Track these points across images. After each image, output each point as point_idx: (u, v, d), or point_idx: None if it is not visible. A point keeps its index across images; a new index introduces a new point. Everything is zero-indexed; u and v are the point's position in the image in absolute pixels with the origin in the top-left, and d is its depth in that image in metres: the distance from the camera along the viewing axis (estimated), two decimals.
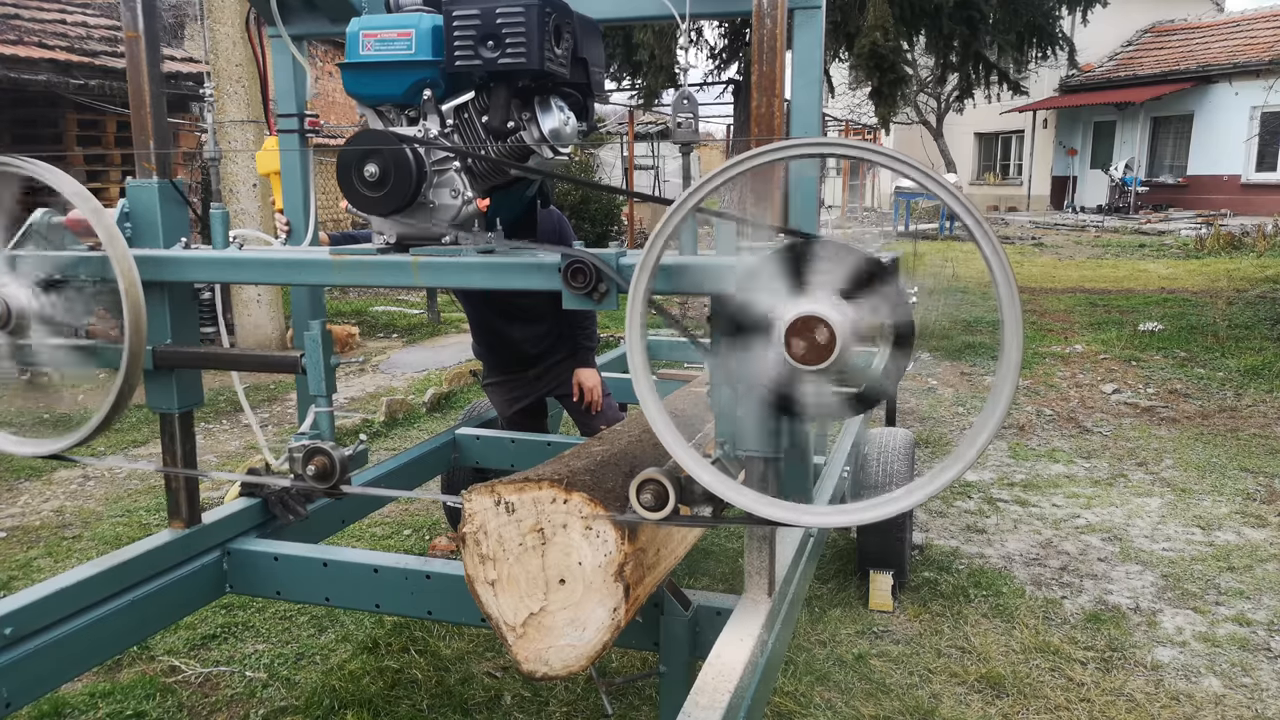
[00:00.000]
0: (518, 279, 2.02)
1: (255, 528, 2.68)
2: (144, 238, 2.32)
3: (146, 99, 2.31)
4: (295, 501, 2.73)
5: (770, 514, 1.77)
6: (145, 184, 2.32)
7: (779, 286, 1.67)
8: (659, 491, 1.80)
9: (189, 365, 2.40)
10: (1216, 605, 3.63)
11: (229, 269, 2.26)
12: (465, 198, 2.14)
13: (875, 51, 10.82)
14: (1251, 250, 14.61)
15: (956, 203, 1.56)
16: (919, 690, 3.05)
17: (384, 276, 2.13)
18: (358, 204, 2.08)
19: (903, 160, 1.59)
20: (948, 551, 4.13)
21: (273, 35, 2.65)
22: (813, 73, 2.36)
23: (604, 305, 1.87)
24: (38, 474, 5.22)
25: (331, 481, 2.26)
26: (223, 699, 3.03)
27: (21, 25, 8.35)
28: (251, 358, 2.74)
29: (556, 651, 1.89)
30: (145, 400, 2.44)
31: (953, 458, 1.66)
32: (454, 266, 2.06)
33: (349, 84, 2.13)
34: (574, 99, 2.22)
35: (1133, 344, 8.30)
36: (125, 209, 2.31)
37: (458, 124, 2.12)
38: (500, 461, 3.55)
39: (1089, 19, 13.69)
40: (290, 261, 2.28)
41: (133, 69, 2.31)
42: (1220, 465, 5.25)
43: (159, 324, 2.32)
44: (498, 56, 1.99)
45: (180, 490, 2.50)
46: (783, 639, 2.19)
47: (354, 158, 2.05)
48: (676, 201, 1.71)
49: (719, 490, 1.77)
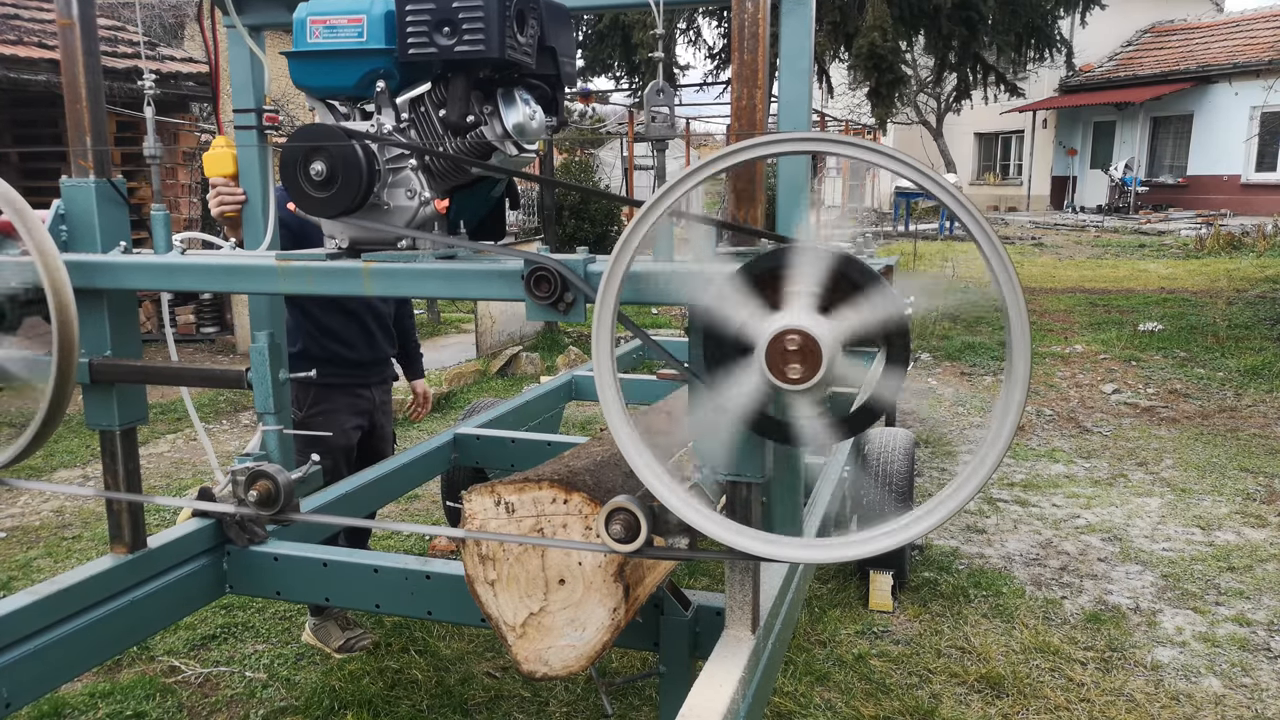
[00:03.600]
0: (477, 287, 1.89)
1: (206, 552, 2.50)
2: (80, 241, 2.16)
3: (83, 91, 2.14)
4: (253, 522, 2.51)
5: (750, 548, 1.61)
6: (81, 183, 2.15)
7: (758, 298, 1.53)
8: (629, 522, 1.68)
9: (128, 380, 2.22)
10: (1216, 605, 3.63)
11: (167, 275, 2.12)
12: (423, 198, 1.99)
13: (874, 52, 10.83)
14: (1251, 250, 14.61)
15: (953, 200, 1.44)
16: (919, 690, 3.05)
17: (332, 284, 1.99)
18: (304, 205, 1.94)
19: (898, 158, 1.46)
20: (948, 551, 4.13)
21: (228, 26, 2.45)
22: (801, 64, 2.11)
23: (570, 317, 1.74)
24: (38, 475, 5.22)
25: (276, 508, 2.09)
26: (222, 699, 3.03)
27: (21, 25, 8.34)
28: (194, 372, 2.52)
29: (556, 652, 1.89)
30: (85, 417, 2.27)
31: (958, 481, 1.51)
32: (409, 274, 1.92)
33: (296, 75, 1.97)
34: (541, 91, 2.07)
35: (1133, 344, 8.30)
36: (60, 210, 2.15)
37: (414, 118, 1.97)
38: (500, 461, 3.54)
39: (1088, 20, 13.71)
40: (232, 268, 2.14)
41: (67, 59, 2.13)
42: (1220, 465, 5.25)
43: (97, 334, 2.17)
44: (454, 44, 1.84)
45: (123, 513, 2.32)
46: (769, 677, 2.05)
47: (299, 155, 1.89)
48: (647, 203, 1.55)
49: (694, 521, 1.62)
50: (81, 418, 2.24)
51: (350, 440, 3.28)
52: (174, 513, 4.51)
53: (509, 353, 7.98)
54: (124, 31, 9.65)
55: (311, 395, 3.14)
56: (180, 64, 9.20)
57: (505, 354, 7.96)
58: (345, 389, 3.24)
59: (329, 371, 3.15)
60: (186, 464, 5.40)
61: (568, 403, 4.63)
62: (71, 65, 2.15)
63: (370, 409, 3.34)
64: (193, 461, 5.43)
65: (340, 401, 3.22)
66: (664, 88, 1.77)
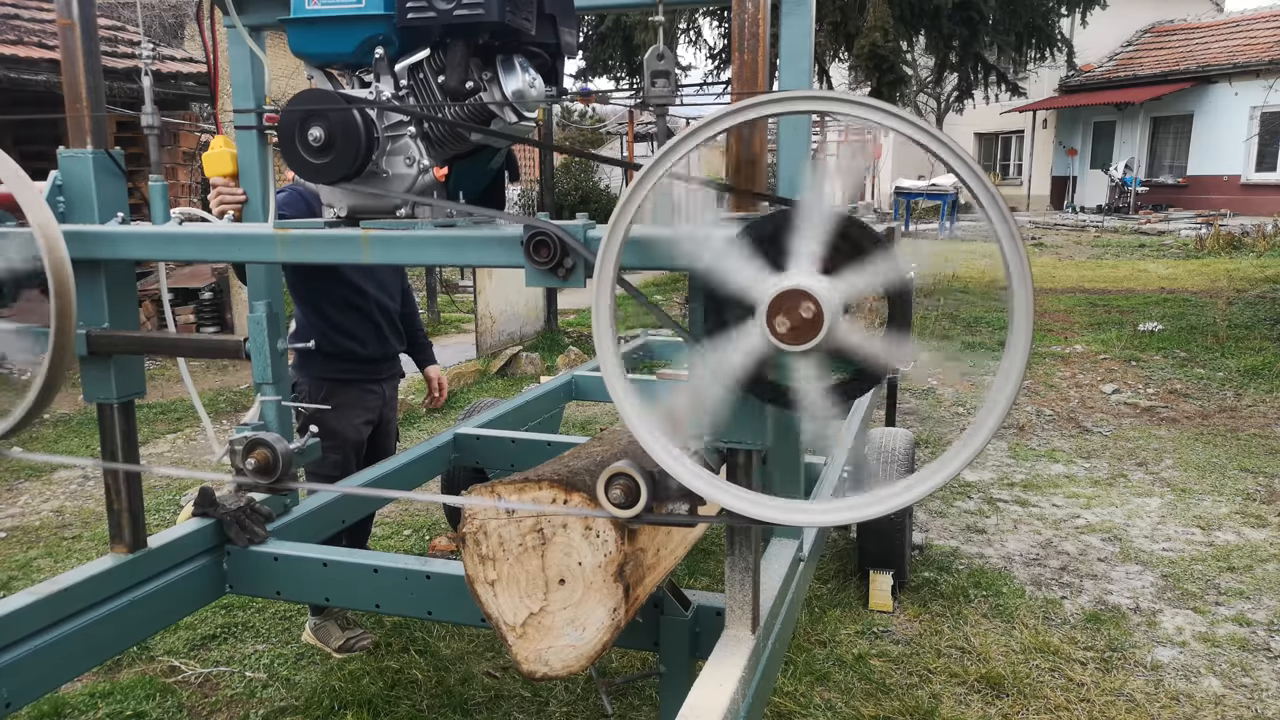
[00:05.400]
0: (477, 254, 1.87)
1: (206, 552, 2.50)
2: (78, 212, 2.15)
3: (83, 91, 2.13)
4: (253, 522, 2.54)
5: (754, 512, 1.60)
6: (79, 154, 2.13)
7: (760, 259, 1.51)
8: (629, 487, 1.67)
9: (125, 350, 2.21)
10: (1216, 605, 3.63)
11: (165, 245, 2.11)
12: (422, 166, 1.98)
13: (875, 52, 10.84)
14: (1251, 250, 14.60)
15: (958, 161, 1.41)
16: (919, 690, 3.05)
17: (331, 252, 1.97)
18: (302, 171, 1.92)
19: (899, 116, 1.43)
20: (948, 551, 4.13)
21: (227, 25, 2.42)
22: (801, 64, 2.12)
23: (570, 282, 1.72)
24: (38, 474, 5.22)
25: (274, 477, 2.09)
26: (222, 699, 3.03)
27: (21, 25, 8.35)
28: (192, 342, 2.52)
29: (556, 652, 1.89)
30: (82, 391, 2.26)
31: (958, 445, 1.51)
32: (408, 241, 1.90)
33: (294, 42, 1.94)
34: (541, 60, 2.05)
35: (1133, 344, 8.30)
36: (58, 181, 2.14)
37: (412, 85, 1.95)
38: (500, 461, 3.54)
39: (1088, 20, 13.71)
40: (230, 236, 2.13)
41: (67, 59, 2.11)
42: (1220, 465, 5.25)
43: (95, 306, 2.16)
44: (453, 9, 1.82)
45: (123, 513, 2.31)
46: (769, 679, 2.04)
47: (297, 120, 1.87)
48: (648, 163, 1.52)
49: (695, 485, 1.60)
50: (82, 418, 2.24)
51: (361, 435, 3.31)
52: (174, 513, 4.51)
53: (509, 353, 7.98)
54: (124, 31, 9.65)
55: (324, 391, 3.15)
56: (180, 64, 9.20)
57: (505, 354, 7.96)
58: (358, 384, 3.27)
59: (342, 368, 3.20)
60: (186, 464, 5.40)
61: (568, 403, 4.63)
62: (71, 65, 2.14)
63: (380, 405, 3.38)
64: (193, 462, 5.43)
65: (352, 397, 3.25)
66: (664, 52, 1.74)
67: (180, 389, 7.05)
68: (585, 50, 14.29)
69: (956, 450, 1.53)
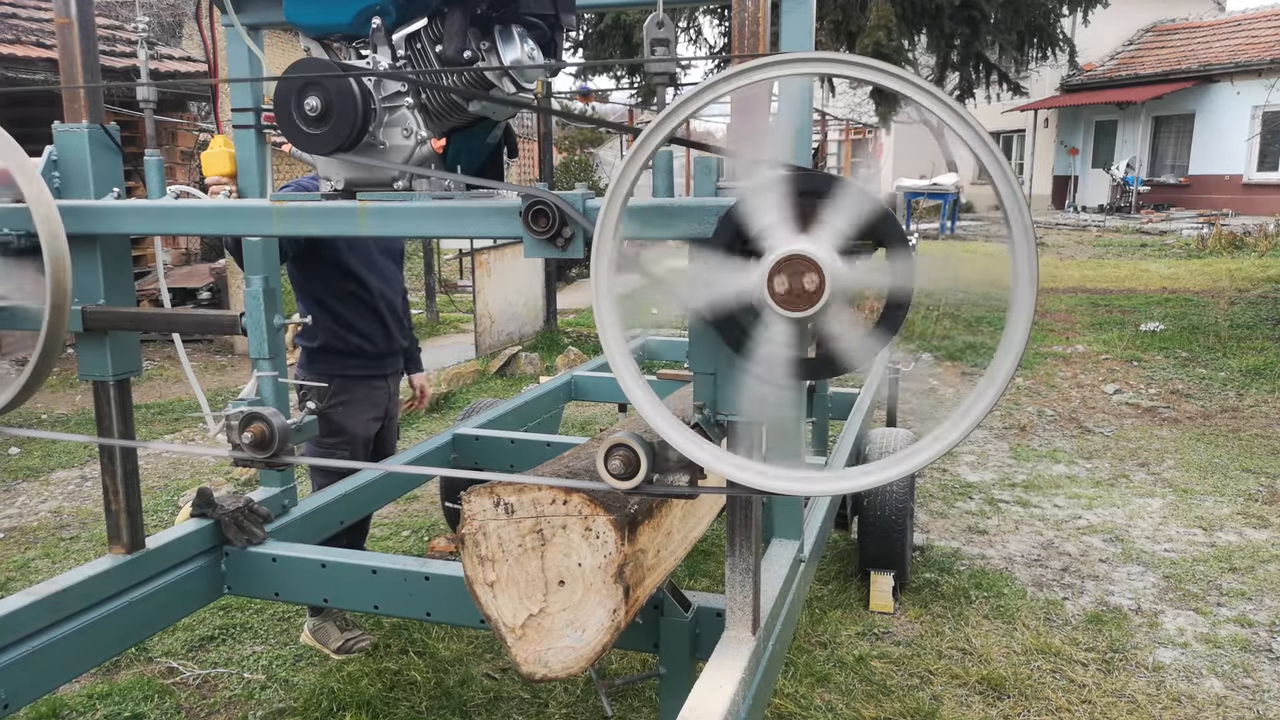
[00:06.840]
0: (475, 224, 1.84)
1: (204, 553, 2.50)
2: (73, 188, 2.14)
3: (81, 93, 2.12)
4: (251, 523, 2.55)
5: (758, 483, 1.57)
6: (74, 129, 2.11)
7: (790, 210, 1.48)
8: (629, 458, 1.65)
9: (121, 327, 2.19)
10: (1218, 606, 3.62)
11: (160, 219, 2.09)
12: (419, 137, 1.96)
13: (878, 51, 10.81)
14: (1253, 250, 14.59)
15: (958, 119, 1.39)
16: (920, 692, 3.04)
17: (327, 224, 1.95)
18: (298, 142, 1.89)
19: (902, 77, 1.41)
20: (949, 552, 4.12)
21: (226, 25, 2.41)
22: None
23: (569, 252, 1.69)
24: (35, 475, 5.22)
25: (270, 452, 2.06)
26: (221, 700, 3.02)
27: (19, 24, 8.34)
28: (189, 318, 2.53)
29: (556, 653, 1.88)
30: (78, 368, 2.25)
31: (960, 411, 1.48)
32: (405, 212, 1.88)
33: (290, 11, 1.92)
34: (539, 31, 2.03)
35: (1134, 344, 8.29)
36: (53, 156, 2.13)
37: (410, 55, 1.92)
38: (500, 462, 3.53)
39: (1090, 19, 13.69)
40: (226, 209, 2.12)
41: (65, 58, 2.10)
42: (1222, 466, 5.24)
43: (90, 282, 2.14)
44: None
45: (121, 513, 2.31)
46: (769, 679, 2.03)
47: (293, 89, 1.84)
48: (648, 127, 1.49)
49: (692, 454, 1.56)
50: (80, 418, 2.23)
51: (369, 432, 3.31)
52: (172, 514, 4.51)
53: (508, 353, 7.97)
54: (122, 31, 9.64)
55: (332, 387, 3.14)
56: (179, 63, 9.19)
57: (504, 354, 7.95)
58: (365, 380, 3.27)
59: (350, 364, 3.21)
60: (184, 464, 5.39)
61: (567, 403, 4.62)
62: (70, 65, 2.13)
63: (385, 401, 3.38)
64: (190, 462, 5.42)
65: (360, 393, 3.25)
66: (664, 19, 1.71)
67: (179, 389, 7.05)
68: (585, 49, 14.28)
69: (955, 421, 1.51)
